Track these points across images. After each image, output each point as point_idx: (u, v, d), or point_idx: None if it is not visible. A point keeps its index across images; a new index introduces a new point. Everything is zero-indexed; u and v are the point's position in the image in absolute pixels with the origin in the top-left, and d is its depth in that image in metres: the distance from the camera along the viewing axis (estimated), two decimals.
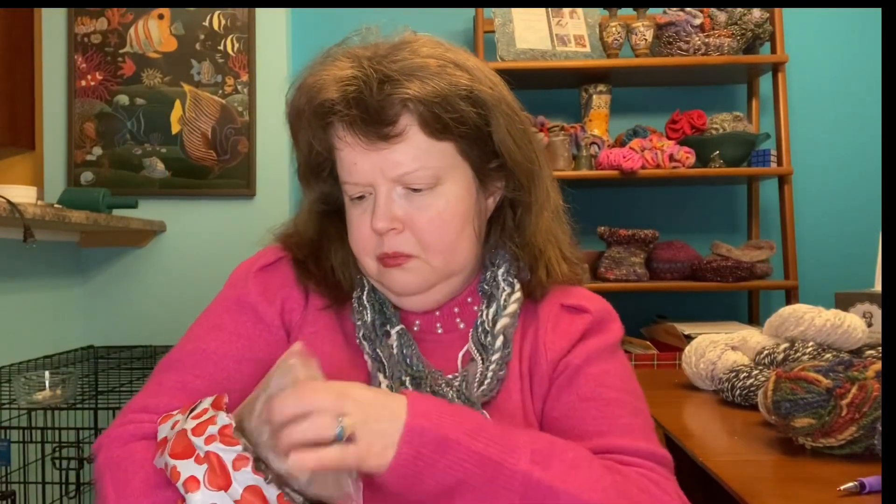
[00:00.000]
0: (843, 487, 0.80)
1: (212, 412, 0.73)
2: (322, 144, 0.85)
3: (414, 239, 0.83)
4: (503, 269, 0.90)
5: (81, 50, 2.54)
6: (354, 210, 0.85)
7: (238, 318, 0.88)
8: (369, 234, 0.83)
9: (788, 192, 2.49)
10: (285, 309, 0.89)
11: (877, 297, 1.45)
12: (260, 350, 0.86)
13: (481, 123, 0.82)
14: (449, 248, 0.84)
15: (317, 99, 0.81)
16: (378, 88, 0.78)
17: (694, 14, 2.51)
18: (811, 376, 0.93)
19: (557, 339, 0.87)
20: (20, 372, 1.99)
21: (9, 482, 1.90)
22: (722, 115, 2.52)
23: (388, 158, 0.80)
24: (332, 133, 0.84)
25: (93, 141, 2.53)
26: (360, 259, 0.86)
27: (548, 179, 0.92)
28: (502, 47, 2.46)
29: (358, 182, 0.83)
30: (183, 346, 0.87)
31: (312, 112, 0.83)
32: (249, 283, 0.89)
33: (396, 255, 0.83)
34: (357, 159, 0.81)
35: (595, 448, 0.78)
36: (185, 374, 0.84)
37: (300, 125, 0.86)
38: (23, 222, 1.73)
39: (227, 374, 0.84)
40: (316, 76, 0.83)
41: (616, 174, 2.37)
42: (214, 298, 0.92)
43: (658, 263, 2.44)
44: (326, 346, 0.86)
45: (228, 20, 2.53)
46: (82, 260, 2.55)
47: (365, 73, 0.79)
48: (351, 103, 0.79)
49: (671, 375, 1.49)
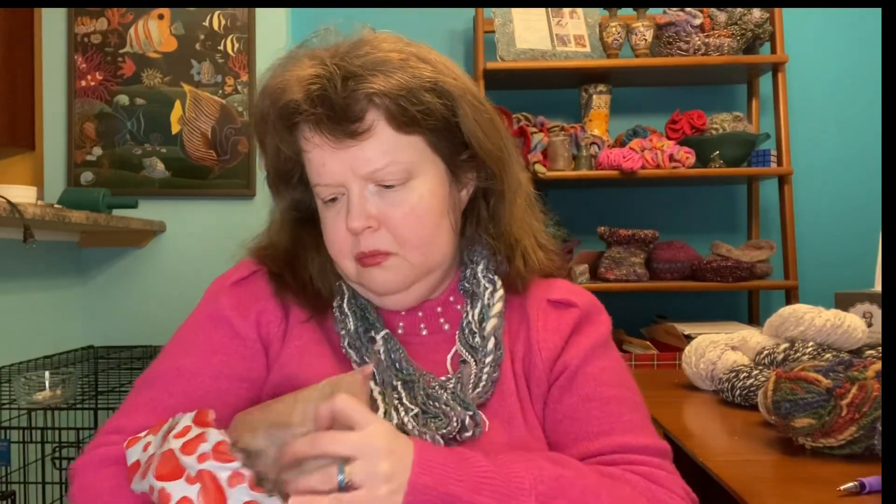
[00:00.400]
0: (843, 487, 0.80)
1: (197, 429, 0.70)
2: (290, 148, 0.84)
3: (390, 236, 0.82)
4: (482, 265, 0.89)
5: (81, 50, 2.54)
6: (328, 213, 0.84)
7: (213, 334, 0.86)
8: (345, 235, 0.82)
9: (788, 192, 2.49)
10: (261, 322, 0.87)
11: (877, 297, 1.45)
12: (236, 365, 0.84)
13: (448, 115, 0.82)
14: (426, 242, 0.83)
15: (281, 100, 0.80)
16: (342, 85, 0.78)
17: (694, 14, 2.51)
18: (811, 376, 0.93)
19: (549, 337, 0.86)
20: (20, 372, 1.99)
21: (9, 482, 1.90)
22: (722, 115, 2.52)
23: (357, 156, 0.80)
24: (298, 135, 0.83)
25: (93, 141, 2.53)
26: (338, 262, 0.85)
27: (518, 167, 0.91)
28: (502, 47, 2.46)
29: (329, 183, 0.82)
30: (157, 365, 0.86)
31: (277, 115, 0.82)
32: (223, 298, 0.87)
33: (374, 254, 0.82)
34: (326, 159, 0.80)
35: (602, 448, 0.80)
36: (158, 392, 0.82)
37: (266, 130, 0.84)
38: (23, 222, 1.73)
39: (202, 391, 0.82)
40: (278, 78, 0.82)
41: (616, 174, 2.37)
42: (190, 315, 0.90)
43: (658, 263, 2.44)
44: (314, 358, 0.85)
45: (228, 20, 2.53)
46: (82, 260, 2.54)
47: (328, 70, 0.79)
48: (316, 102, 0.78)
49: (671, 375, 1.49)
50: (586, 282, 2.39)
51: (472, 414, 0.79)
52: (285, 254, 0.89)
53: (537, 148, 2.40)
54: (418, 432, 0.76)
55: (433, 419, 0.78)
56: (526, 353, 0.87)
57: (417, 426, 0.77)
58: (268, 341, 0.86)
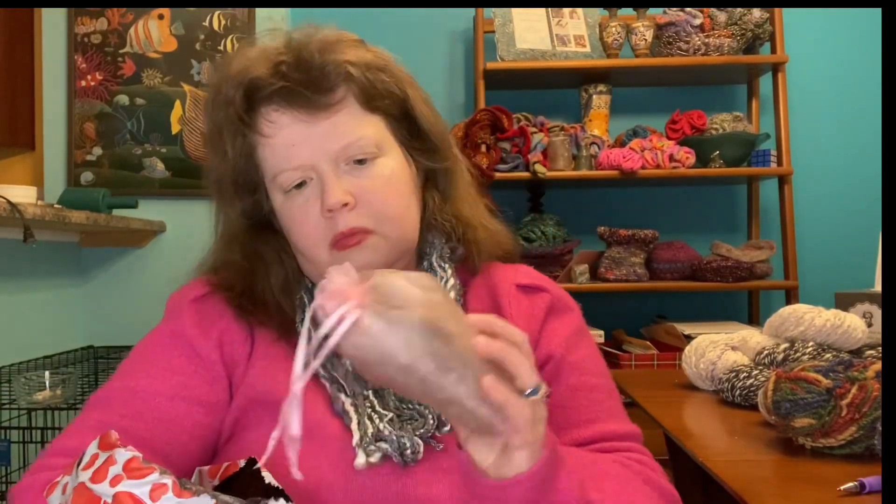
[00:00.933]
0: (843, 487, 0.80)
1: (104, 454, 0.64)
2: (245, 145, 0.82)
3: (367, 212, 0.80)
4: (436, 254, 0.88)
5: (81, 50, 2.54)
6: (294, 202, 0.81)
7: (172, 353, 0.81)
8: (317, 220, 0.79)
9: (788, 192, 2.49)
10: (224, 342, 0.82)
11: (877, 297, 1.45)
12: (195, 388, 0.79)
13: (402, 98, 0.83)
14: (402, 215, 0.82)
15: (245, 79, 0.79)
16: (318, 54, 0.79)
17: (694, 14, 2.51)
18: (811, 376, 0.93)
19: (524, 323, 0.85)
20: (20, 372, 1.99)
21: (9, 482, 1.90)
22: (722, 115, 2.52)
23: (328, 131, 0.79)
24: (259, 123, 0.80)
25: (93, 141, 2.53)
26: (311, 252, 0.81)
27: (462, 162, 0.92)
28: (502, 47, 2.47)
29: (298, 166, 0.79)
30: (112, 383, 0.80)
31: (242, 96, 0.80)
32: (185, 315, 0.83)
33: (353, 232, 0.79)
34: (295, 139, 0.79)
35: (593, 435, 0.81)
36: (110, 413, 0.76)
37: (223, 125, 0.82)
38: (23, 222, 1.73)
39: (157, 413, 0.77)
40: (235, 63, 0.81)
41: (616, 174, 2.37)
42: (149, 331, 0.86)
43: (658, 263, 2.44)
44: (281, 375, 0.78)
45: (228, 20, 2.53)
46: (82, 260, 2.55)
47: (298, 43, 0.80)
48: (286, 73, 0.78)
49: (671, 375, 1.48)
50: (586, 282, 2.39)
51: None
52: (241, 273, 0.84)
53: (537, 148, 2.40)
54: (395, 436, 0.75)
55: (408, 421, 0.77)
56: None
57: (394, 430, 0.76)
58: (232, 364, 0.82)
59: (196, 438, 0.78)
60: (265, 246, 0.85)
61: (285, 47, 0.81)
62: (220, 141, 0.83)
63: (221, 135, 0.82)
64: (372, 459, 0.73)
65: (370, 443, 0.74)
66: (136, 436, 0.74)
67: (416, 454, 0.75)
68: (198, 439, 0.78)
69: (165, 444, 0.75)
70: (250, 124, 0.81)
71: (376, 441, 0.75)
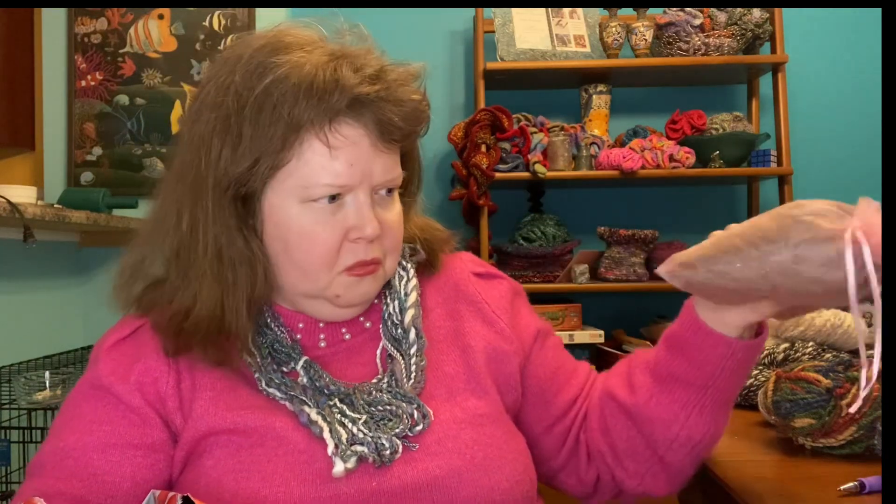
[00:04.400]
0: (843, 487, 0.80)
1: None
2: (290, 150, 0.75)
3: (384, 244, 0.81)
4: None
5: (81, 50, 2.54)
6: (314, 215, 0.76)
7: (95, 405, 0.79)
8: (336, 240, 0.76)
9: (788, 193, 2.49)
10: (143, 383, 0.78)
11: None
12: (126, 433, 0.76)
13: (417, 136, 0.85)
14: (400, 250, 0.85)
15: (342, 93, 0.73)
16: (407, 90, 0.79)
17: (694, 14, 2.51)
18: (811, 376, 0.93)
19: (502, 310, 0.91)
20: (20, 372, 1.99)
21: (9, 482, 1.90)
22: (722, 115, 2.52)
23: (388, 164, 0.79)
24: (327, 132, 0.74)
25: (93, 141, 2.53)
26: (314, 270, 0.78)
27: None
28: (502, 47, 2.46)
29: (344, 184, 0.76)
30: (45, 447, 0.79)
31: (327, 107, 0.73)
32: (100, 363, 0.81)
33: (375, 262, 0.80)
34: (358, 160, 0.76)
35: (583, 376, 0.94)
36: (46, 478, 0.75)
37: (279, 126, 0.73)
38: (23, 222, 1.73)
39: (90, 468, 0.75)
40: (318, 71, 0.74)
41: (616, 174, 2.37)
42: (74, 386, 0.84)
43: (658, 263, 2.43)
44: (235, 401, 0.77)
45: (228, 20, 2.53)
46: (82, 260, 2.54)
47: (379, 67, 0.78)
48: (383, 93, 0.76)
49: None
50: (586, 282, 2.39)
51: (418, 406, 0.78)
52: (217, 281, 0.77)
53: (537, 148, 2.40)
54: (371, 438, 0.75)
55: (382, 422, 0.77)
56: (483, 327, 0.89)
57: (370, 432, 0.75)
58: (159, 402, 0.78)
59: (140, 483, 0.75)
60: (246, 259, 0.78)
61: (371, 71, 0.76)
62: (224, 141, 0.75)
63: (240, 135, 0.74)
64: (349, 465, 0.73)
65: (346, 448, 0.74)
66: (73, 496, 0.73)
67: (395, 453, 0.75)
68: (143, 483, 0.75)
69: (107, 497, 0.74)
70: (327, 129, 0.75)
71: (351, 445, 0.74)
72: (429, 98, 0.83)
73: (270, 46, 0.78)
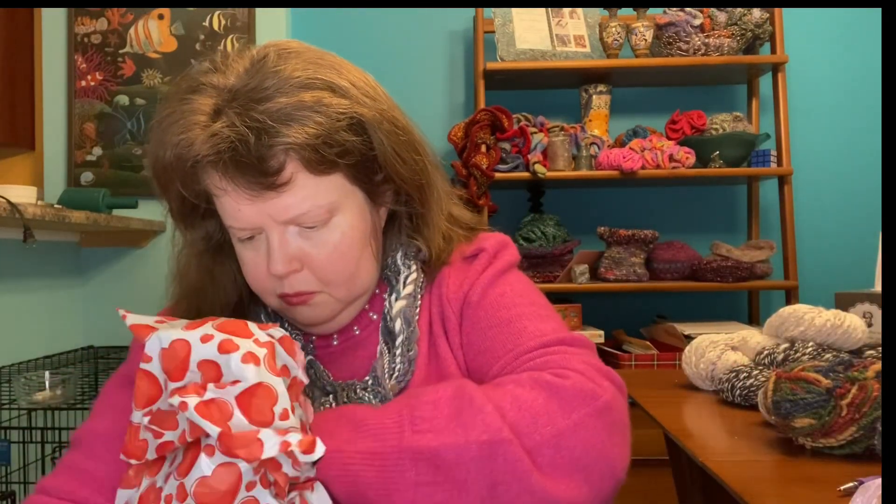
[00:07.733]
0: (843, 487, 0.80)
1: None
2: (197, 196, 0.80)
3: (314, 277, 0.79)
4: (401, 252, 0.87)
5: (81, 50, 2.54)
6: (245, 251, 0.80)
7: (129, 394, 0.78)
8: (265, 273, 0.79)
9: (788, 192, 2.49)
10: None
11: (877, 297, 1.45)
12: None
13: (366, 148, 0.77)
14: (350, 278, 0.81)
15: (187, 156, 0.75)
16: (256, 141, 0.71)
17: (694, 14, 2.51)
18: (811, 376, 0.93)
19: (458, 288, 0.85)
20: (20, 372, 1.99)
21: (9, 482, 1.90)
22: (722, 116, 2.52)
23: (276, 205, 0.75)
24: (207, 181, 0.77)
25: (93, 141, 2.53)
26: (262, 298, 0.83)
27: (439, 187, 0.88)
28: (502, 47, 2.47)
29: (245, 227, 0.77)
30: (84, 424, 0.84)
31: (183, 167, 0.77)
32: (135, 354, 0.85)
33: (300, 294, 0.79)
34: (241, 206, 0.75)
35: (502, 366, 0.78)
36: (80, 454, 0.81)
37: (168, 178, 0.80)
38: (23, 222, 1.73)
39: (116, 455, 0.76)
40: (181, 131, 0.75)
41: (616, 174, 2.37)
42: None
43: (658, 263, 2.44)
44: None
45: (228, 20, 2.53)
46: (82, 260, 2.55)
47: (235, 125, 0.72)
48: (226, 158, 0.72)
49: (671, 375, 1.48)
50: (586, 282, 2.39)
51: None
52: (193, 290, 0.87)
53: (537, 148, 2.40)
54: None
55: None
56: (441, 311, 0.85)
57: None
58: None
59: None
60: (219, 268, 0.87)
61: (224, 127, 0.72)
62: (169, 183, 0.81)
63: (172, 178, 0.80)
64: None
65: None
66: (93, 476, 0.78)
67: None
68: None
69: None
70: (201, 180, 0.78)
71: None
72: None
73: (168, 94, 0.80)
